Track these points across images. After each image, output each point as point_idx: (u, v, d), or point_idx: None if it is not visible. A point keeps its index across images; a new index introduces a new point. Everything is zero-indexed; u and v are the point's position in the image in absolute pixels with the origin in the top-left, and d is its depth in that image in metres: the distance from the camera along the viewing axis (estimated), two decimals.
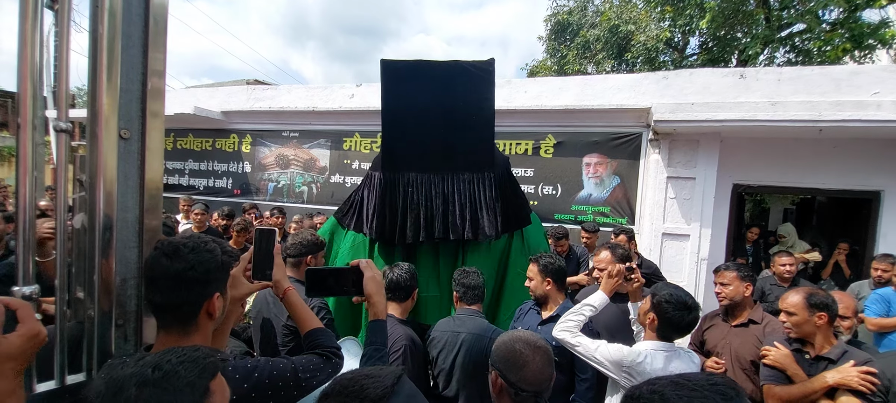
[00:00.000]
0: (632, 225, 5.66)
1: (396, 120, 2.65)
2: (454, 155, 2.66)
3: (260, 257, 1.39)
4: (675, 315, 1.94)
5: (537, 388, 1.29)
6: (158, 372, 0.75)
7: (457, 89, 2.59)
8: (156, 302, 1.11)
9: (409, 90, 2.61)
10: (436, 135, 2.63)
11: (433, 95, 2.59)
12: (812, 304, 2.08)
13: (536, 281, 2.38)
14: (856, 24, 11.00)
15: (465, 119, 2.63)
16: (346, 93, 7.18)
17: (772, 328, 2.46)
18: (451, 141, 2.64)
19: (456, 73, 2.59)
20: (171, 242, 1.13)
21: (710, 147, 5.33)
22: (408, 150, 2.66)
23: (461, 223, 2.61)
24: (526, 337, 1.37)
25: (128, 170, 1.28)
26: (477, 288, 2.33)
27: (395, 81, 2.63)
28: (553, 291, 2.38)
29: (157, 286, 1.09)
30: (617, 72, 13.95)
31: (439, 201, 2.62)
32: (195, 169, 8.29)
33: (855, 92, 4.80)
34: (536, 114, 6.05)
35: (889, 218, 5.14)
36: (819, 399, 1.96)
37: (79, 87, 15.42)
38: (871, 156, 5.10)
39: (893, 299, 3.54)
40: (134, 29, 1.31)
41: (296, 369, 1.23)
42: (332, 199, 7.29)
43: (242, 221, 4.88)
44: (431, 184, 2.65)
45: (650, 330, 2.04)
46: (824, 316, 2.06)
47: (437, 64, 2.65)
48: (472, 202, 2.64)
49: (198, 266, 1.10)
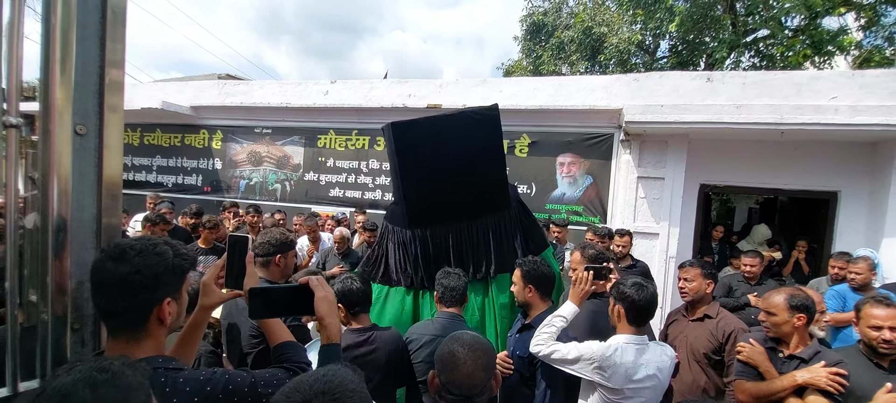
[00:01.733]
0: (604, 224, 5.77)
1: (414, 179, 2.71)
2: (472, 201, 2.74)
3: (232, 265, 1.33)
4: (635, 294, 2.01)
5: (466, 392, 1.26)
6: (106, 374, 0.74)
7: (466, 138, 2.67)
8: (102, 307, 1.06)
9: (422, 148, 2.67)
10: (453, 186, 2.70)
11: (445, 149, 2.66)
12: (793, 306, 2.13)
13: (518, 286, 2.35)
14: (816, 31, 11.50)
15: (478, 165, 2.71)
16: (320, 89, 7.08)
17: (725, 323, 2.57)
18: (468, 189, 2.71)
19: (463, 123, 2.68)
20: (118, 244, 1.07)
21: (679, 148, 5.48)
22: (429, 206, 2.73)
23: (486, 262, 2.73)
24: (467, 340, 1.34)
25: (84, 167, 1.23)
26: (457, 290, 2.30)
27: (407, 141, 2.67)
28: (535, 298, 2.32)
29: (102, 291, 1.04)
30: (590, 73, 14.19)
31: (466, 246, 2.73)
32: (163, 165, 8.02)
33: (815, 96, 5.01)
34: (512, 113, 6.08)
35: (845, 217, 5.39)
36: (787, 396, 2.03)
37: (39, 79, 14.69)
38: (829, 158, 5.34)
39: (849, 295, 3.71)
40: (90, 18, 1.25)
41: (255, 383, 1.16)
42: (305, 197, 7.19)
43: (213, 219, 4.73)
44: (456, 232, 2.74)
45: (623, 324, 2.08)
46: (804, 317, 2.11)
47: (444, 118, 2.76)
48: (497, 241, 2.75)
49: (145, 270, 1.04)
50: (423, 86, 6.62)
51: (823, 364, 1.99)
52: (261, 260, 2.24)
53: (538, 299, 2.32)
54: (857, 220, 5.31)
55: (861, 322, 2.15)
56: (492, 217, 2.77)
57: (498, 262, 2.74)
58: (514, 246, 2.79)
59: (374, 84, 6.94)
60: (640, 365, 2.00)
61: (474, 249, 2.74)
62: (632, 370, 1.98)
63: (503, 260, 2.74)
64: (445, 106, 6.25)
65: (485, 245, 2.74)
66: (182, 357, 1.26)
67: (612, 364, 1.96)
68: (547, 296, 2.36)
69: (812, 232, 6.18)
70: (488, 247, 2.74)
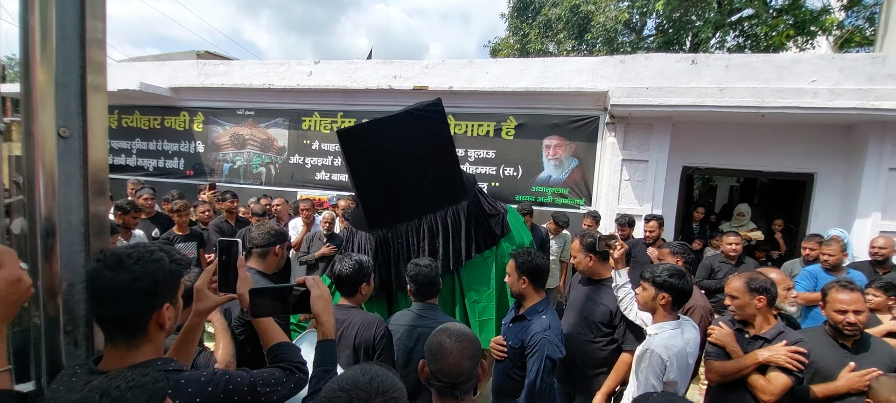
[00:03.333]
0: (590, 206, 5.87)
1: (367, 181, 2.76)
2: (427, 196, 2.80)
3: (224, 269, 1.35)
4: (680, 283, 2.12)
5: (453, 380, 1.34)
6: (107, 399, 0.75)
7: (413, 135, 2.71)
8: (101, 315, 1.07)
9: (370, 150, 2.71)
10: (407, 184, 2.76)
11: (394, 148, 2.71)
12: (752, 288, 2.23)
13: (513, 278, 2.37)
14: (800, 12, 11.60)
15: (428, 161, 2.76)
16: (303, 70, 6.96)
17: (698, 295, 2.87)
18: (422, 184, 2.77)
19: (409, 122, 2.71)
20: (114, 253, 1.08)
21: (663, 130, 5.56)
22: (385, 206, 2.79)
23: (443, 255, 2.79)
24: (454, 330, 1.41)
25: (69, 169, 1.22)
26: (425, 282, 2.31)
27: (355, 147, 2.72)
28: (529, 289, 2.34)
29: (101, 299, 1.05)
30: (577, 51, 14.17)
31: (425, 243, 2.79)
32: (143, 148, 7.86)
33: (795, 79, 5.10)
34: (498, 95, 6.09)
35: (821, 198, 5.56)
36: (751, 373, 2.15)
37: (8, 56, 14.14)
38: (806, 140, 5.47)
39: (821, 275, 3.85)
40: (69, 19, 1.23)
41: (254, 383, 1.20)
42: (291, 181, 7.13)
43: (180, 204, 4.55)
44: (416, 229, 2.81)
45: (664, 311, 2.16)
46: (763, 298, 2.22)
47: (389, 119, 2.76)
48: (454, 232, 2.83)
49: (144, 277, 1.06)
50: (408, 67, 6.55)
51: (784, 344, 2.11)
52: (260, 251, 2.26)
53: (532, 290, 2.35)
54: (832, 201, 5.49)
55: (828, 305, 2.26)
56: (448, 208, 2.85)
57: (455, 257, 2.82)
58: (471, 237, 2.87)
59: (358, 65, 6.85)
60: (686, 345, 2.13)
61: (433, 244, 2.81)
62: (682, 354, 2.09)
63: (459, 254, 2.84)
64: (432, 88, 6.22)
65: (443, 238, 2.81)
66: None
67: (670, 360, 2.04)
68: (541, 287, 2.38)
69: (789, 212, 6.36)
70: (447, 240, 2.81)
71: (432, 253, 2.79)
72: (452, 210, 2.86)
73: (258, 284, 2.13)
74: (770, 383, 2.08)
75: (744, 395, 2.18)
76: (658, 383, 2.03)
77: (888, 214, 4.98)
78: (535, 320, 2.26)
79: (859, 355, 2.19)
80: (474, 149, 6.36)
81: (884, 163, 4.96)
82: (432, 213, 2.83)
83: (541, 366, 2.15)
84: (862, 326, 2.19)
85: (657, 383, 2.02)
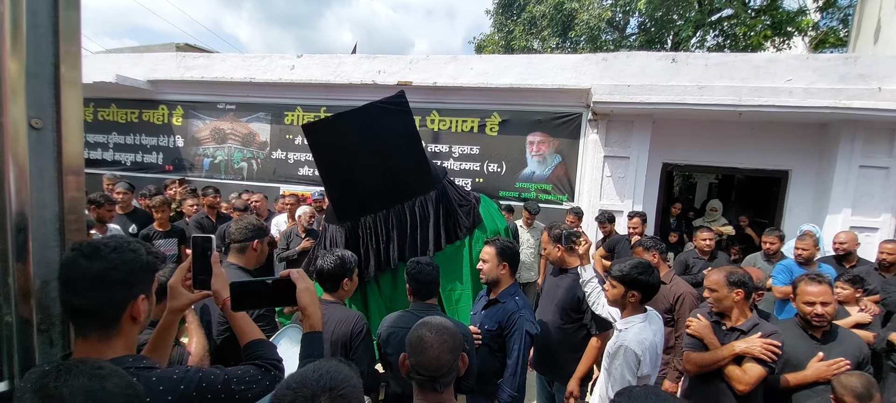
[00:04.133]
0: (573, 202, 5.94)
1: (335, 175, 2.80)
2: (395, 187, 2.83)
3: (198, 266, 1.33)
4: (649, 278, 2.14)
5: (432, 373, 1.35)
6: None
7: (377, 128, 2.73)
8: (74, 305, 1.04)
9: (336, 144, 2.73)
10: (373, 176, 2.78)
11: (358, 141, 2.72)
12: (731, 282, 2.30)
13: (491, 263, 2.41)
14: (777, 12, 11.88)
15: (393, 153, 2.79)
16: (286, 63, 6.87)
17: (676, 287, 3.11)
18: (389, 176, 2.80)
19: (372, 115, 2.73)
20: (90, 242, 1.06)
21: (644, 127, 5.65)
22: (353, 199, 2.81)
23: (410, 245, 2.83)
24: (435, 324, 1.42)
25: (42, 162, 1.19)
26: (433, 284, 2.30)
27: (320, 141, 2.75)
28: (506, 275, 2.42)
29: (74, 288, 1.02)
30: (561, 48, 14.27)
31: (394, 233, 2.82)
32: (120, 142, 7.67)
33: (771, 78, 5.23)
34: (482, 91, 6.11)
35: (795, 195, 5.72)
36: (728, 364, 2.22)
37: None
38: (781, 138, 5.62)
39: (795, 269, 3.97)
40: (41, 5, 1.19)
41: (228, 381, 1.17)
42: (273, 176, 7.05)
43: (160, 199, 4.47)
44: (384, 220, 2.84)
45: (633, 307, 2.18)
46: (741, 292, 2.29)
47: (353, 112, 2.77)
48: (422, 223, 2.86)
49: (121, 265, 1.04)
50: (393, 62, 6.52)
51: (759, 335, 2.18)
52: (238, 246, 2.23)
53: (508, 275, 2.45)
54: (805, 197, 5.65)
55: (798, 297, 2.33)
56: (416, 198, 2.89)
57: (422, 247, 2.86)
58: (439, 227, 2.91)
59: (342, 59, 6.79)
60: (654, 336, 2.16)
61: (401, 235, 2.85)
62: (653, 346, 2.12)
63: (426, 244, 2.88)
64: (416, 83, 6.20)
65: (411, 228, 2.85)
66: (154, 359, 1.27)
67: (643, 354, 2.07)
68: (514, 273, 2.50)
69: (764, 208, 6.53)
70: (415, 230, 2.85)
71: (401, 244, 2.82)
72: (421, 200, 2.89)
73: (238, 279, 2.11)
74: (745, 373, 2.15)
75: (720, 385, 2.25)
76: (633, 378, 2.06)
77: (858, 210, 5.15)
78: (510, 301, 2.37)
79: (828, 345, 2.27)
80: (459, 145, 6.37)
81: (854, 160, 5.12)
82: (400, 204, 2.86)
83: (522, 343, 2.26)
84: (830, 317, 2.26)
85: (632, 378, 2.06)
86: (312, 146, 2.78)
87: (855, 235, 4.07)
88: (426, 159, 2.98)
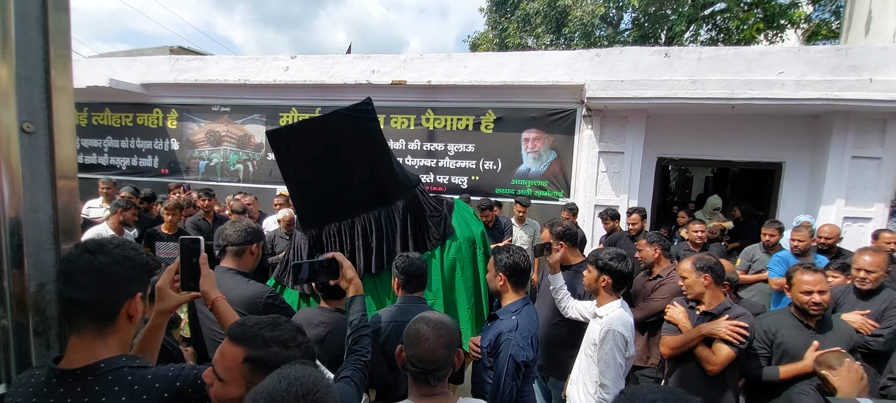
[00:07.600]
0: (568, 198, 5.96)
1: (299, 182, 2.74)
2: (361, 195, 2.75)
3: (186, 267, 1.35)
4: (620, 266, 2.23)
5: (426, 367, 1.37)
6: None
7: (343, 136, 2.65)
8: (74, 298, 1.04)
9: (300, 151, 2.67)
10: (338, 185, 2.72)
11: (324, 149, 2.66)
12: (698, 268, 2.44)
13: (491, 274, 2.36)
14: (769, 5, 11.93)
15: (359, 161, 2.71)
16: (280, 65, 6.86)
17: (671, 279, 3.13)
18: (354, 184, 2.74)
19: (338, 122, 2.66)
20: (94, 239, 1.10)
21: (638, 122, 5.67)
22: (319, 206, 2.75)
23: (376, 256, 2.76)
24: (432, 318, 1.45)
25: (35, 166, 1.19)
26: (421, 277, 2.29)
27: (285, 148, 2.69)
28: (506, 287, 2.28)
29: (76, 281, 1.03)
30: (555, 45, 14.28)
31: (360, 242, 2.74)
32: (115, 147, 7.64)
33: (764, 71, 5.25)
34: (477, 89, 6.11)
35: (788, 186, 5.75)
36: (698, 345, 2.36)
37: None
38: (774, 130, 5.65)
39: (792, 260, 4.00)
40: (30, 8, 1.19)
41: None
42: (270, 177, 7.03)
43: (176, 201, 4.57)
44: (349, 229, 2.76)
45: (606, 292, 2.28)
46: (708, 276, 2.41)
47: (318, 119, 2.76)
48: (389, 233, 2.79)
49: (123, 261, 1.07)
50: (387, 61, 6.51)
51: (726, 318, 2.30)
52: (235, 250, 2.23)
53: (510, 288, 2.27)
54: (799, 189, 5.68)
55: (793, 287, 2.35)
56: (383, 208, 2.80)
57: (389, 258, 2.73)
58: (399, 237, 2.81)
59: (336, 59, 6.78)
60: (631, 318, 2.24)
61: (367, 243, 2.77)
62: (632, 328, 2.20)
63: (392, 255, 2.74)
64: (410, 82, 6.20)
65: (377, 238, 2.76)
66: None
67: (627, 336, 2.14)
68: (520, 287, 2.28)
69: (759, 200, 6.57)
70: (381, 240, 2.76)
71: (366, 253, 2.74)
72: (387, 210, 2.81)
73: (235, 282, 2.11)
74: (714, 354, 2.29)
75: (694, 367, 2.40)
76: (622, 359, 2.14)
77: (851, 201, 5.19)
78: (506, 320, 2.17)
79: (823, 334, 2.29)
80: (454, 143, 6.38)
81: (847, 151, 5.16)
82: (365, 213, 2.77)
83: (504, 367, 2.04)
84: (826, 306, 2.29)
85: (622, 359, 2.14)
86: (277, 152, 2.72)
87: (838, 229, 4.14)
88: (394, 168, 2.87)
